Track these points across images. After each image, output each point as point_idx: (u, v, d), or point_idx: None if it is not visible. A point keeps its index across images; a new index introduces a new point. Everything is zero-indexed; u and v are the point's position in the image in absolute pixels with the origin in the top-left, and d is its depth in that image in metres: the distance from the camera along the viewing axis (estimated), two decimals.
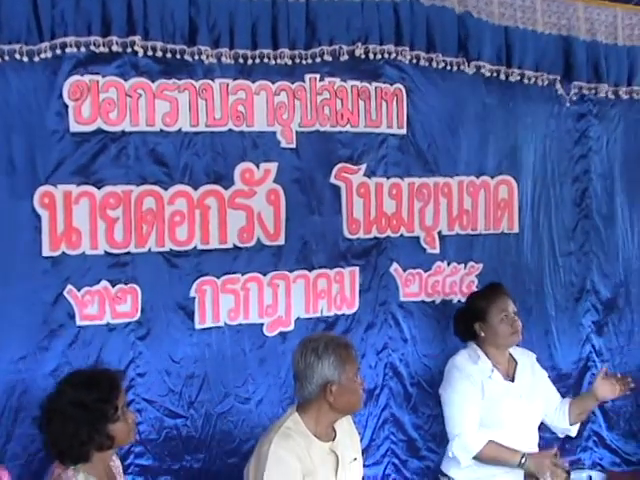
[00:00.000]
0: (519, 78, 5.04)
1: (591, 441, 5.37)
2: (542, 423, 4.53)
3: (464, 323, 4.53)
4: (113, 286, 4.07)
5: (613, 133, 5.35)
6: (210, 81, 4.26)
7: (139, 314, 4.14)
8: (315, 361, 3.42)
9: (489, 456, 4.21)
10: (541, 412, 4.48)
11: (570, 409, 4.49)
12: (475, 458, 4.22)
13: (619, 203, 5.36)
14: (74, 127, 3.98)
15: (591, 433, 5.36)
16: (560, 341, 5.14)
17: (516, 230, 5.11)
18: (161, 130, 4.17)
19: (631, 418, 5.44)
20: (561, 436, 4.66)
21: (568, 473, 4.17)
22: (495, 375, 4.35)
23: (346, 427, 3.64)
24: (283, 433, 3.38)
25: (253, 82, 4.35)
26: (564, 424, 4.51)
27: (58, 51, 3.93)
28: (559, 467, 4.15)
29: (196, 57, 4.22)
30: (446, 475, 4.45)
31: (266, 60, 4.38)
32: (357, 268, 4.69)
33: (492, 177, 5.02)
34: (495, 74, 4.97)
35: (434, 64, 4.79)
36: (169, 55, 4.16)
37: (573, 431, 4.59)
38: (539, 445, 4.49)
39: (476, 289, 4.92)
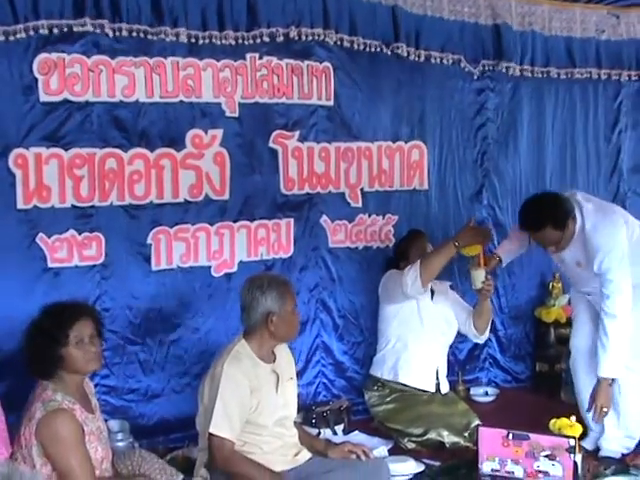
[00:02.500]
0: (426, 58, 5.02)
1: (487, 363, 5.43)
2: None
3: (394, 262, 4.60)
4: (80, 234, 4.05)
5: (507, 105, 5.36)
6: (163, 59, 4.22)
7: (103, 258, 4.13)
8: (260, 295, 3.43)
9: (428, 264, 4.19)
10: (454, 331, 4.57)
11: (473, 314, 4.54)
12: (424, 280, 4.19)
13: (511, 164, 5.40)
14: (43, 97, 3.93)
15: (487, 356, 5.42)
16: (461, 280, 5.14)
17: (426, 187, 5.12)
18: (120, 101, 4.13)
19: (520, 344, 5.50)
20: (475, 341, 4.74)
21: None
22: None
23: (284, 353, 3.66)
24: (234, 356, 3.39)
25: (201, 60, 4.32)
26: (473, 331, 4.56)
27: (31, 32, 3.87)
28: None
29: (153, 37, 4.17)
30: (375, 378, 4.52)
31: (213, 41, 4.33)
32: (292, 219, 4.68)
33: (406, 142, 5.03)
34: (407, 55, 4.94)
35: (355, 46, 4.77)
36: (125, 34, 4.11)
37: (482, 339, 4.66)
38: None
39: (392, 237, 4.97)
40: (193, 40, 4.27)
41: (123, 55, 4.10)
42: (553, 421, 3.74)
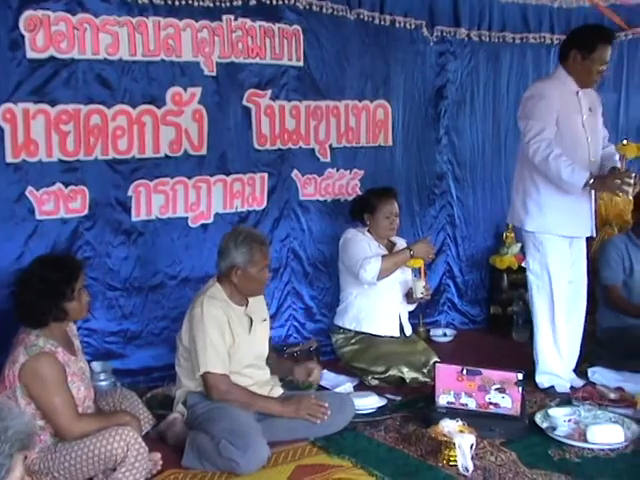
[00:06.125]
0: (390, 23, 5.01)
1: (446, 306, 5.53)
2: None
3: (358, 208, 4.66)
4: (66, 187, 4.01)
5: (466, 67, 5.39)
6: (145, 18, 4.14)
7: (87, 210, 4.09)
8: (232, 246, 3.48)
9: (387, 268, 4.41)
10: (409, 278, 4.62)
11: (407, 294, 4.68)
12: (380, 278, 4.41)
13: (468, 122, 5.45)
14: (30, 54, 3.84)
15: (446, 300, 5.53)
16: (422, 230, 5.25)
17: (390, 144, 5.14)
18: (105, 58, 4.06)
19: (477, 289, 5.61)
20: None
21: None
22: (380, 248, 4.54)
23: (257, 298, 3.70)
24: (210, 296, 3.46)
25: (180, 20, 4.25)
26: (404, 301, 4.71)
27: None
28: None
29: None
30: (338, 326, 4.61)
31: (190, 2, 4.26)
32: (266, 174, 4.67)
33: (371, 101, 5.03)
34: (371, 19, 4.94)
35: (323, 10, 4.74)
36: None
37: (409, 308, 4.76)
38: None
39: (359, 190, 4.99)
40: (170, 2, 4.20)
41: (107, 14, 4.02)
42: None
